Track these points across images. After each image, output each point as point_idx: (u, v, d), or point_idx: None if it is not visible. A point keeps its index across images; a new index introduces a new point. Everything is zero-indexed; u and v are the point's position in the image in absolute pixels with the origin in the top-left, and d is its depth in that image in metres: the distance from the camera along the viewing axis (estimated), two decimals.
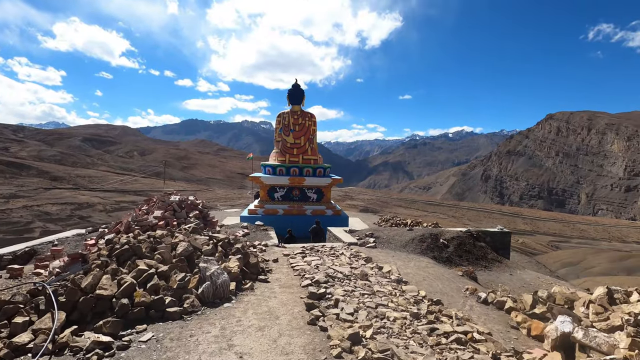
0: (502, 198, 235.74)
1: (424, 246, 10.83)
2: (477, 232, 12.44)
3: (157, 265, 5.05)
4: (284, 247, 10.44)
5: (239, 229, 11.81)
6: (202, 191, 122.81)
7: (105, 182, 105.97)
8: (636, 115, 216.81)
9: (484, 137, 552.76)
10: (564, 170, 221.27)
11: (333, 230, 12.94)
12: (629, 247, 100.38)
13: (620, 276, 62.64)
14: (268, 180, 19.91)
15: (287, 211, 19.90)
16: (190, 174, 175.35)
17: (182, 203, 8.34)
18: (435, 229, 12.62)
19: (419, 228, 12.55)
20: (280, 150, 20.98)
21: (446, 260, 10.40)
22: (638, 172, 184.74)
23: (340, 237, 11.72)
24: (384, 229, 12.79)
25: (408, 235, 11.52)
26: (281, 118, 21.59)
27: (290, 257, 8.56)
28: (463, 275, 8.30)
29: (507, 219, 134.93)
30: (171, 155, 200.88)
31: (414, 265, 8.83)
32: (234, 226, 13.01)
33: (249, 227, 12.86)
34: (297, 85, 21.79)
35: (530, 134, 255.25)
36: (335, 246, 10.26)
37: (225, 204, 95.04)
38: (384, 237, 11.70)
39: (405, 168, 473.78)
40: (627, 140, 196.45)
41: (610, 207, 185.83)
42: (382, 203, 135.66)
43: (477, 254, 11.45)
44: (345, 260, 8.37)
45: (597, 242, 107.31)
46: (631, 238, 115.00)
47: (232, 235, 8.50)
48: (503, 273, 10.60)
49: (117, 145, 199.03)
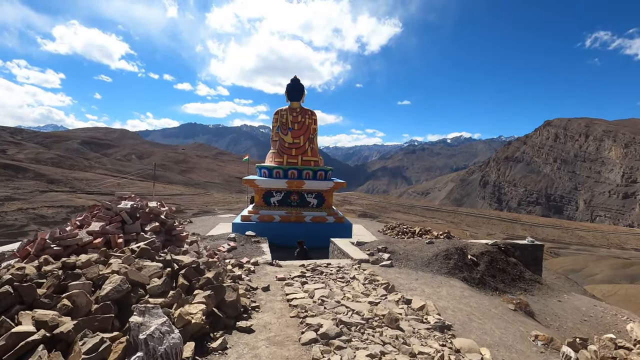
0: (500, 204, 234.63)
1: (451, 264, 8.78)
2: (506, 246, 10.43)
3: (57, 321, 2.96)
4: (279, 266, 8.36)
5: (224, 242, 9.68)
6: (200, 195, 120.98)
7: (102, 185, 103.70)
8: (633, 122, 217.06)
9: (482, 143, 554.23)
10: (561, 177, 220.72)
11: (338, 243, 10.82)
12: (628, 254, 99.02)
13: (623, 284, 60.97)
14: (263, 183, 17.82)
15: (285, 218, 17.77)
16: (188, 178, 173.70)
17: (137, 211, 5.97)
18: (459, 242, 10.55)
19: (440, 240, 10.47)
20: (277, 151, 18.91)
21: (479, 282, 8.38)
22: (635, 179, 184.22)
23: (347, 252, 9.63)
24: (398, 242, 10.70)
25: (430, 251, 9.45)
26: (279, 115, 19.43)
27: (285, 283, 6.45)
28: (516, 310, 6.23)
29: (506, 225, 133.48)
30: (169, 159, 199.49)
31: (447, 294, 6.75)
32: (219, 237, 10.86)
33: (238, 238, 10.73)
34: (296, 80, 19.76)
35: (528, 140, 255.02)
36: (342, 265, 8.19)
37: (223, 208, 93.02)
38: (400, 252, 9.62)
39: (404, 173, 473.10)
40: (625, 147, 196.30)
41: (608, 213, 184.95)
42: (381, 208, 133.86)
43: (512, 273, 9.42)
44: (360, 288, 6.28)
45: (596, 249, 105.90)
46: (630, 245, 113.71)
47: (209, 253, 6.42)
48: (549, 298, 8.54)
49: (115, 148, 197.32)
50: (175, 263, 4.59)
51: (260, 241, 10.81)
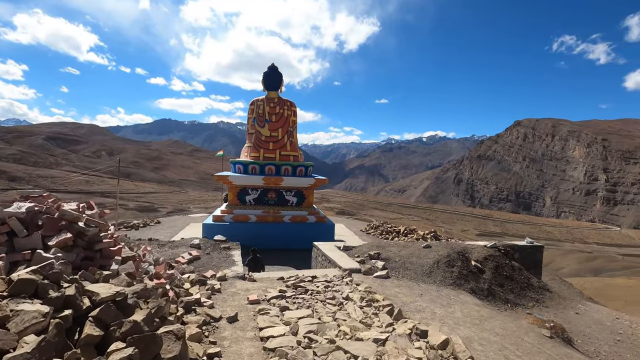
0: (473, 201, 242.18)
1: (455, 273, 7.53)
2: (505, 248, 9.38)
3: None
4: (253, 280, 6.74)
5: (185, 251, 7.92)
6: (175, 193, 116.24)
7: (69, 183, 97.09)
8: (595, 123, 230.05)
9: (456, 142, 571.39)
10: (530, 175, 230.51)
11: (322, 247, 9.34)
12: (590, 248, 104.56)
13: (588, 277, 63.71)
14: (238, 180, 16.03)
15: (261, 217, 16.07)
16: (162, 175, 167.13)
17: (37, 217, 4.07)
18: (458, 245, 9.35)
19: (438, 244, 9.22)
20: (253, 145, 17.10)
21: (488, 294, 7.20)
22: (596, 177, 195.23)
23: (334, 260, 8.16)
24: (390, 245, 9.34)
25: (429, 257, 8.16)
26: (255, 106, 17.61)
27: (260, 310, 4.86)
28: (552, 337, 4.99)
29: (479, 221, 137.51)
30: (142, 156, 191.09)
31: (464, 315, 5.43)
32: (181, 244, 9.00)
33: (204, 245, 8.95)
34: (274, 68, 18.08)
35: (500, 139, 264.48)
36: (330, 278, 6.70)
37: (199, 206, 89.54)
38: (396, 258, 8.27)
39: (381, 171, 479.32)
40: (587, 147, 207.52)
41: (572, 209, 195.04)
42: (359, 206, 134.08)
43: (520, 281, 8.34)
44: (357, 313, 4.80)
45: (562, 244, 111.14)
46: (591, 239, 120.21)
47: (156, 272, 4.74)
48: (564, 310, 7.47)
49: (83, 144, 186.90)
50: (84, 299, 2.94)
51: (231, 247, 9.11)
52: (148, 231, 18.20)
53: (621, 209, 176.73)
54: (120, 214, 73.02)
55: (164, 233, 16.81)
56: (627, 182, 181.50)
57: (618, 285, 46.39)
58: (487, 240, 31.40)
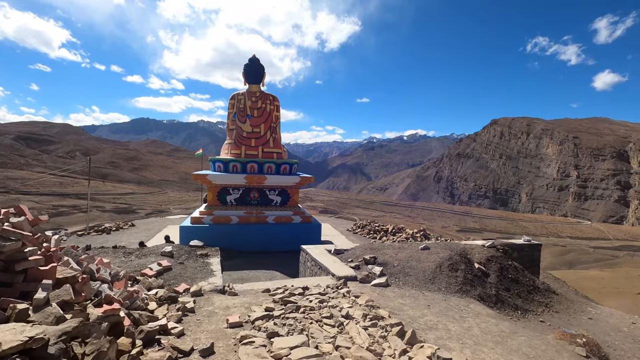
0: (453, 198, 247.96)
1: (460, 278, 6.83)
2: (503, 247, 8.83)
3: None
4: (233, 294, 5.76)
5: (155, 260, 6.80)
6: (154, 194, 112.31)
7: (41, 184, 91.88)
8: (567, 122, 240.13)
9: (436, 140, 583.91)
10: (506, 172, 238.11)
11: (311, 251, 8.46)
12: (564, 242, 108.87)
13: (563, 270, 65.93)
14: (218, 179, 14.96)
15: (243, 219, 15.03)
16: (141, 176, 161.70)
17: None
18: (457, 246, 8.67)
19: (435, 244, 8.52)
20: (234, 141, 16.06)
21: (497, 301, 6.54)
22: (568, 173, 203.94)
23: (326, 266, 7.34)
24: (385, 248, 8.55)
25: (429, 260, 7.43)
26: (235, 100, 16.53)
27: (242, 338, 3.90)
28: (588, 357, 4.29)
29: (458, 217, 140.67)
30: (119, 156, 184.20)
31: (481, 331, 4.67)
32: (151, 252, 7.79)
33: (178, 252, 7.81)
34: (255, 60, 17.05)
35: (477, 137, 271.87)
36: (324, 290, 5.80)
37: (179, 207, 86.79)
38: (394, 263, 7.48)
39: (363, 169, 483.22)
40: (560, 144, 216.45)
41: (546, 205, 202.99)
42: (341, 204, 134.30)
43: (525, 283, 7.75)
44: (362, 337, 3.94)
45: (537, 238, 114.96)
46: (565, 233, 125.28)
47: (107, 297, 3.75)
48: (576, 315, 6.91)
49: (56, 144, 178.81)
50: None
51: (209, 254, 8.04)
52: (121, 235, 16.79)
53: (591, 204, 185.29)
54: (96, 216, 69.64)
55: (138, 237, 15.49)
56: (596, 178, 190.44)
57: (592, 277, 47.98)
58: (467, 235, 30.91)
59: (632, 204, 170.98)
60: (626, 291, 40.19)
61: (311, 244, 14.83)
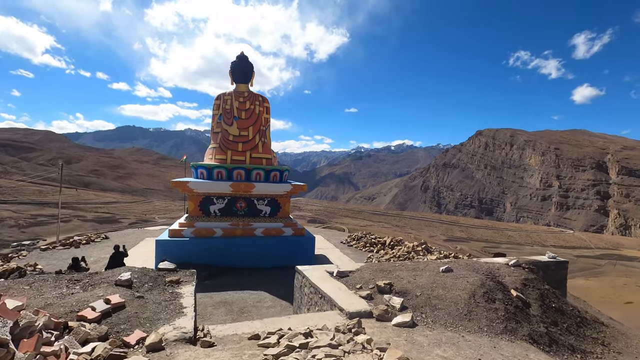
0: (440, 207, 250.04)
1: (500, 312, 5.67)
2: (529, 266, 7.95)
3: None
4: (209, 345, 4.30)
5: (104, 293, 5.29)
6: (139, 203, 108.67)
7: (20, 193, 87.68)
8: (548, 133, 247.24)
9: (422, 150, 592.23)
10: (491, 182, 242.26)
11: (310, 275, 7.10)
12: (548, 251, 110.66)
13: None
14: (200, 187, 13.61)
15: (229, 232, 13.78)
16: (125, 185, 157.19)
17: None
18: (480, 265, 7.64)
19: (456, 264, 7.54)
20: (219, 145, 14.69)
21: (550, 342, 5.44)
22: (551, 183, 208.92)
23: (330, 297, 5.99)
24: (400, 269, 7.21)
25: (458, 287, 6.28)
26: (221, 101, 15.22)
27: None
28: None
29: (445, 227, 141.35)
30: (103, 164, 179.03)
31: None
32: (102, 281, 5.85)
33: (139, 280, 6.04)
34: (243, 58, 15.71)
35: (463, 148, 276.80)
36: (335, 336, 4.37)
37: (165, 216, 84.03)
38: (415, 290, 6.22)
39: (351, 179, 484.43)
40: (542, 155, 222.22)
41: (530, 214, 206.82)
42: (330, 214, 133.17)
43: (570, 314, 6.76)
44: None
45: (522, 247, 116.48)
46: (549, 242, 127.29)
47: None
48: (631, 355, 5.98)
49: (37, 152, 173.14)
50: None
51: (182, 281, 6.35)
52: (92, 249, 15.37)
53: (573, 213, 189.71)
54: (77, 226, 66.55)
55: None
56: (577, 188, 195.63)
57: (578, 286, 48.11)
58: (455, 245, 28.75)
59: (612, 214, 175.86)
60: (614, 300, 40.23)
61: (304, 258, 13.71)
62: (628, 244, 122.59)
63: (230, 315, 8.63)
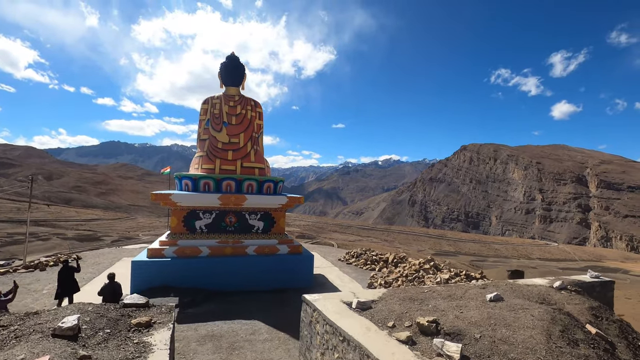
0: (427, 221, 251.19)
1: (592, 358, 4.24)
2: (576, 289, 6.81)
3: None
4: None
5: (35, 350, 3.51)
6: (122, 220, 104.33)
7: None
8: (530, 148, 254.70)
9: (409, 165, 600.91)
10: (477, 196, 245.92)
11: (323, 308, 5.50)
12: (535, 263, 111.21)
13: None
14: (185, 199, 12.05)
15: (217, 250, 12.22)
16: (109, 201, 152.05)
17: None
18: (526, 288, 6.36)
19: (503, 288, 6.22)
20: (206, 154, 13.18)
21: None
22: (534, 197, 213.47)
23: (358, 342, 4.34)
24: (434, 298, 5.56)
25: (523, 322, 4.52)
26: (209, 105, 13.73)
27: None
28: None
29: (434, 241, 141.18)
30: (85, 180, 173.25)
31: None
32: (37, 330, 4.10)
33: (93, 322, 4.29)
34: (234, 59, 14.38)
35: (449, 162, 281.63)
36: None
37: (149, 233, 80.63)
38: (470, 331, 4.40)
39: (339, 194, 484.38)
40: (525, 169, 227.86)
41: (515, 227, 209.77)
42: (319, 229, 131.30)
43: None
44: None
45: (509, 260, 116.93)
46: (534, 255, 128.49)
47: None
48: None
49: (17, 167, 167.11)
50: None
51: (154, 323, 4.61)
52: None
53: (556, 226, 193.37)
54: (56, 244, 62.78)
55: (80, 275, 12.42)
56: (559, 201, 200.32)
57: None
58: (443, 257, 26.28)
59: (593, 226, 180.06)
60: None
61: (302, 279, 12.55)
62: (610, 255, 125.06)
63: (218, 353, 7.11)
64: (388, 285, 12.19)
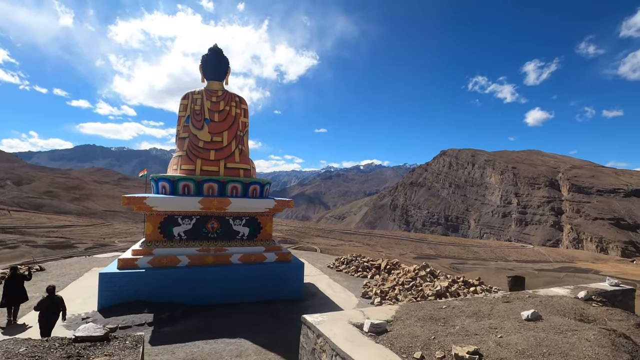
0: (408, 225, 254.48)
1: None
2: (600, 298, 6.26)
3: None
4: None
5: None
6: (97, 226, 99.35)
7: None
8: (506, 153, 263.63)
9: (390, 170, 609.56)
10: (456, 200, 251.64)
11: (329, 333, 4.46)
12: (511, 265, 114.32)
13: None
14: (161, 203, 10.90)
15: (197, 259, 11.08)
16: (83, 207, 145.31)
17: None
18: (556, 300, 5.75)
19: (540, 302, 5.61)
20: (186, 153, 12.10)
21: None
22: (510, 200, 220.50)
23: None
24: (455, 316, 4.78)
25: (583, 351, 3.77)
26: (189, 101, 12.65)
27: None
28: None
29: (415, 244, 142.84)
30: (58, 185, 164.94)
31: None
32: None
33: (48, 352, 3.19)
34: (217, 51, 13.30)
35: (429, 167, 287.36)
36: None
37: (125, 240, 76.91)
38: None
39: (322, 198, 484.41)
40: (501, 174, 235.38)
41: (492, 230, 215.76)
42: (301, 233, 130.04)
43: None
44: None
45: (487, 262, 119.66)
46: (511, 257, 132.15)
47: None
48: None
49: None
50: None
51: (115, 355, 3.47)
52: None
53: (531, 229, 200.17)
54: (26, 252, 58.69)
55: (41, 289, 11.04)
56: (534, 204, 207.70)
57: None
58: (422, 260, 24.78)
59: (565, 228, 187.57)
60: None
61: (292, 289, 11.61)
62: (581, 256, 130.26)
63: None
64: (384, 295, 11.47)
